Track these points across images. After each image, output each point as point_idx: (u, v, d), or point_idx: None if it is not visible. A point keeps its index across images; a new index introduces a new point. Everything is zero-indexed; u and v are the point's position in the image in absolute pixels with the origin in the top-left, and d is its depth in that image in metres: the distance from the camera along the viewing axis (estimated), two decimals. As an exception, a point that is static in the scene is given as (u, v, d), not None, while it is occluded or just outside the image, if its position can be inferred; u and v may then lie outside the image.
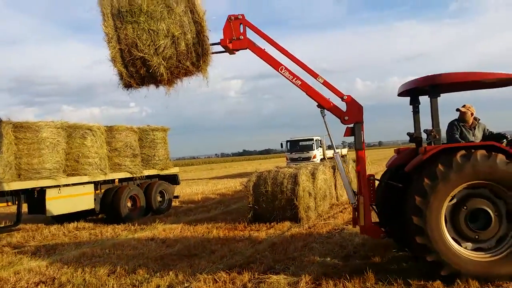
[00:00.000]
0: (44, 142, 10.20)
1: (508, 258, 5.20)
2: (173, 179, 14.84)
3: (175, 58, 6.33)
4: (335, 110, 6.20)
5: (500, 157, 5.21)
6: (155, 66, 6.25)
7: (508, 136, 6.06)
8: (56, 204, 10.54)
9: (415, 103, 6.37)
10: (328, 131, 6.45)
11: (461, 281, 5.09)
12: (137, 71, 6.42)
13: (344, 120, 6.16)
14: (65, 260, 7.71)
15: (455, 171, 5.22)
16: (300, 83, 6.25)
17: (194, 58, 6.35)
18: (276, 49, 6.39)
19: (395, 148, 6.71)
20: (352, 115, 6.13)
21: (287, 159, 30.33)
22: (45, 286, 6.16)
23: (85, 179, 11.29)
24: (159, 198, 13.82)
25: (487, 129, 6.54)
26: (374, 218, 6.28)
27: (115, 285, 6.01)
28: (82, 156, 11.24)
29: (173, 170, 14.74)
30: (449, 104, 6.94)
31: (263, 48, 6.44)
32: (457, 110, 6.51)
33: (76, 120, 11.57)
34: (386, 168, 6.56)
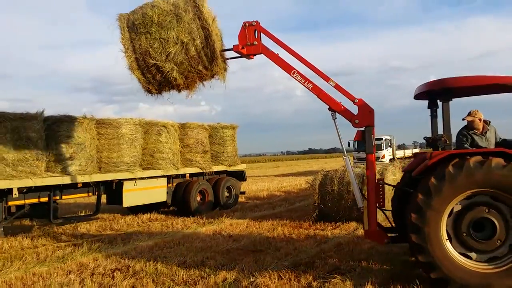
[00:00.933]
0: (123, 138, 10.89)
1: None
2: (240, 176, 15.19)
3: (186, 63, 6.71)
4: (346, 113, 6.18)
5: (496, 162, 4.90)
6: (168, 71, 6.68)
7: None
8: (132, 195, 11.19)
9: (432, 107, 6.17)
10: (338, 135, 6.38)
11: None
12: (153, 77, 6.90)
13: (355, 124, 6.11)
14: (139, 250, 8.15)
15: (448, 183, 5.00)
16: (311, 86, 6.30)
17: (206, 62, 6.70)
18: (289, 53, 6.49)
19: (414, 152, 6.43)
20: (363, 118, 6.06)
21: (354, 158, 29.77)
22: (121, 273, 6.51)
23: (159, 173, 11.88)
24: (226, 194, 14.19)
25: (498, 135, 6.28)
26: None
27: (184, 275, 6.26)
28: (157, 151, 11.86)
29: (240, 167, 15.06)
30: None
31: (276, 53, 6.56)
32: (463, 119, 6.29)
33: (151, 118, 12.25)
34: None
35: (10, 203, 8.91)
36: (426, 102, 6.26)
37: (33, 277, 6.46)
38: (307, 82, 6.34)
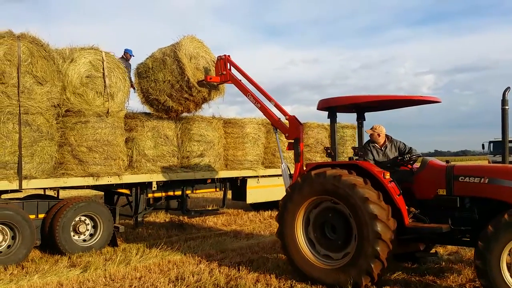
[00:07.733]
0: (247, 137, 11.31)
1: (344, 268, 5.52)
2: (361, 177, 14.70)
3: (174, 94, 8.98)
4: (282, 127, 7.61)
5: (345, 178, 5.52)
6: (164, 101, 9.07)
7: (411, 154, 6.39)
8: (255, 193, 11.54)
9: (359, 120, 7.17)
10: (278, 147, 8.21)
11: None
12: (158, 107, 9.26)
13: (286, 136, 7.44)
14: (261, 245, 8.42)
15: (307, 185, 5.91)
16: (260, 106, 7.90)
17: (187, 91, 8.88)
18: (247, 79, 8.33)
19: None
20: (291, 132, 7.34)
21: (489, 162, 26.98)
22: (245, 267, 6.76)
23: (279, 171, 12.07)
24: (346, 194, 13.85)
25: (403, 145, 6.62)
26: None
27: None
28: (278, 150, 12.09)
29: (361, 168, 14.60)
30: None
31: (239, 79, 8.40)
32: (366, 131, 6.76)
33: (270, 118, 12.50)
34: None
35: (149, 195, 9.84)
36: None
37: (168, 264, 7.05)
38: (257, 102, 7.90)
